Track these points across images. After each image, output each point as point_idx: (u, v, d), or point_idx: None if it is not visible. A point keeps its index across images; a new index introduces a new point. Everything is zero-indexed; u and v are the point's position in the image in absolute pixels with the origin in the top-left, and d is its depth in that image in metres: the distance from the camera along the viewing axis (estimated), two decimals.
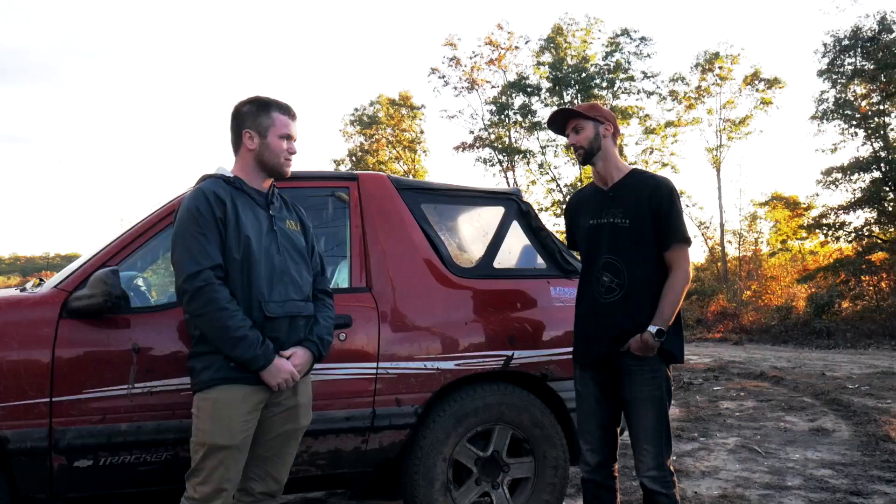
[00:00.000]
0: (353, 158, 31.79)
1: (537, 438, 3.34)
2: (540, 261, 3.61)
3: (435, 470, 3.20)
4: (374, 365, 3.11)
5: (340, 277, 3.47)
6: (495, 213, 3.62)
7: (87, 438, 2.72)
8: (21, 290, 3.18)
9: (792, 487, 4.38)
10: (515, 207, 3.62)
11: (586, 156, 2.91)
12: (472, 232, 3.76)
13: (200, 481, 2.40)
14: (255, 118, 2.57)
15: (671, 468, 2.81)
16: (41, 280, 3.41)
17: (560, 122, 3.00)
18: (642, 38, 24.21)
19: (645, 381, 2.76)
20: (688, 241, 2.80)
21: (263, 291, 2.47)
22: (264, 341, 2.41)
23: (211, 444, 2.37)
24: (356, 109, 32.38)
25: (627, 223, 2.80)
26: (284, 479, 2.64)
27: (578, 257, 3.26)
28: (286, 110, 2.61)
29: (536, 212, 3.72)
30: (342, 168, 31.18)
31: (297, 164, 2.72)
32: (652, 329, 2.68)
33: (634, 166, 2.98)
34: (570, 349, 3.04)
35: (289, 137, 2.60)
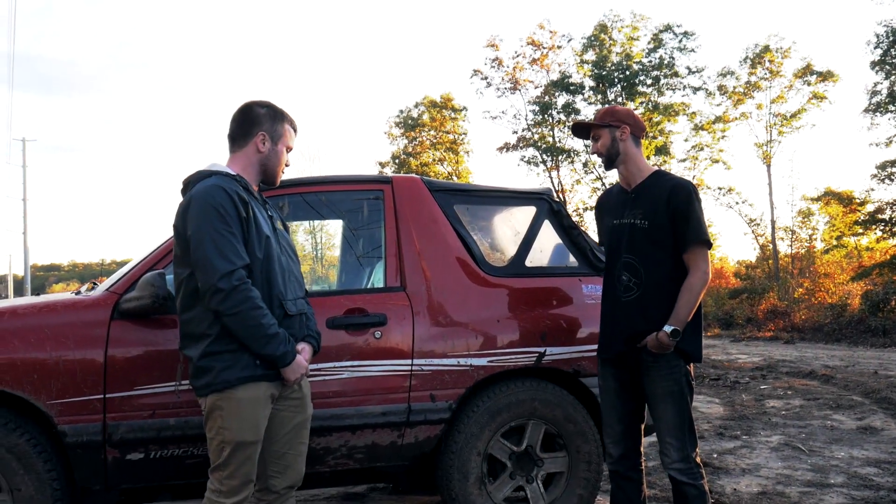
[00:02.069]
0: (397, 161, 32.00)
1: (570, 434, 3.40)
2: (572, 259, 3.66)
3: (469, 464, 3.28)
4: (409, 362, 3.21)
5: (376, 277, 3.58)
6: (527, 213, 3.68)
7: (139, 433, 2.89)
8: (76, 294, 3.37)
9: (834, 485, 4.34)
10: (547, 207, 3.68)
11: (607, 162, 2.99)
12: (504, 231, 3.83)
13: (227, 475, 2.43)
14: (273, 123, 2.62)
15: (697, 460, 2.86)
16: (94, 284, 3.59)
17: (585, 132, 3.08)
18: (685, 33, 23.89)
19: (662, 377, 2.83)
20: (707, 244, 2.84)
21: (282, 290, 2.52)
22: (289, 338, 2.47)
23: (239, 441, 2.41)
24: (401, 111, 32.63)
25: (646, 224, 2.86)
26: (303, 468, 2.66)
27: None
28: (294, 125, 2.71)
29: (567, 211, 3.77)
30: (386, 170, 31.46)
31: (345, 166, 2.83)
32: (667, 329, 2.75)
33: (658, 168, 3.04)
34: None
35: (290, 150, 2.70)
